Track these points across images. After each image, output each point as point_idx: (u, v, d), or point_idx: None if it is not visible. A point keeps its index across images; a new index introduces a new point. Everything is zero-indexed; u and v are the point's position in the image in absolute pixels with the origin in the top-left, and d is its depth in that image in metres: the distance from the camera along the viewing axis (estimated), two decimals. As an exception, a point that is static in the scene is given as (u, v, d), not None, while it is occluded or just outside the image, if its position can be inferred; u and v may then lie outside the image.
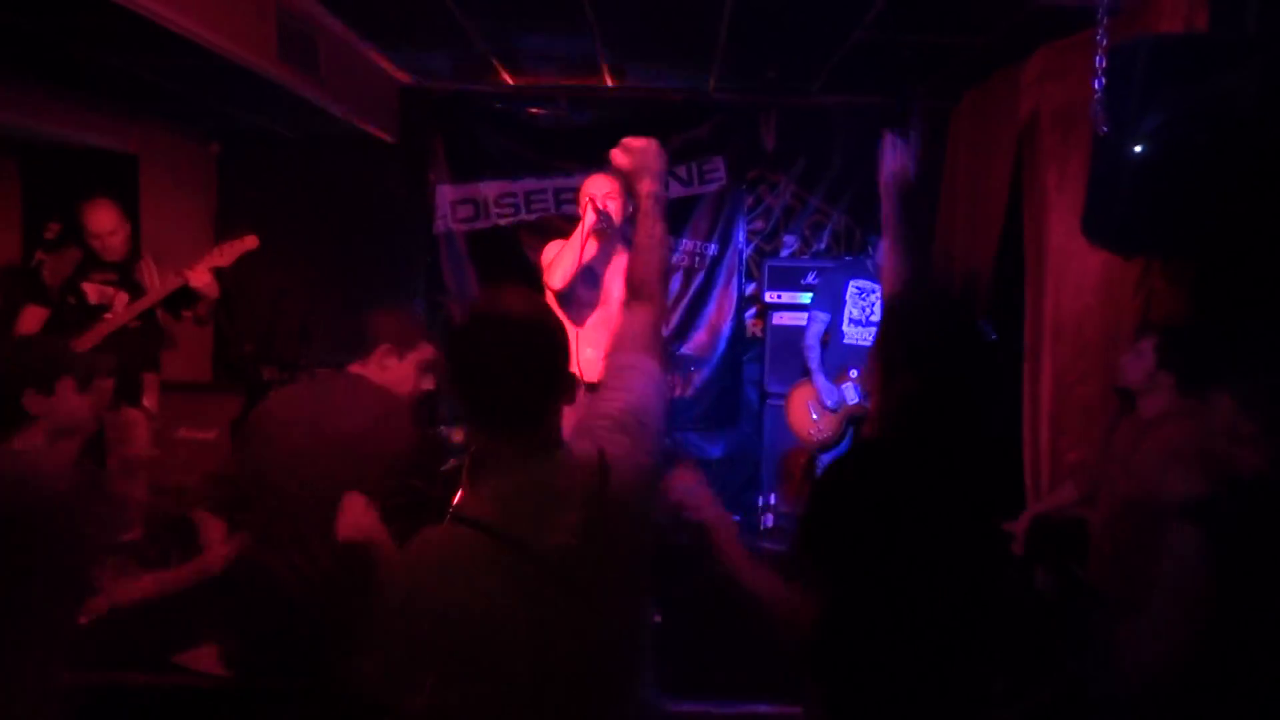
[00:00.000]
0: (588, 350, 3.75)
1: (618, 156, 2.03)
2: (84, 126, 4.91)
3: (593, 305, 3.81)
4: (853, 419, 4.75)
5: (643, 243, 1.94)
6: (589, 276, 3.77)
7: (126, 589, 2.29)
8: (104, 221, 4.09)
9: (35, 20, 3.55)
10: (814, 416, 4.82)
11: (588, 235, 3.66)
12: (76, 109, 4.79)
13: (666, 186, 2.25)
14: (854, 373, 4.66)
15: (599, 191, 3.75)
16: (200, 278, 4.02)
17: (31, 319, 4.05)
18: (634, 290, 1.91)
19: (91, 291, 4.10)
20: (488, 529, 1.41)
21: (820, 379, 4.73)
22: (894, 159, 3.12)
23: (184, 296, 4.13)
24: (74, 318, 4.03)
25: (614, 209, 3.74)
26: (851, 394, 4.65)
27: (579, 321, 3.80)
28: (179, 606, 2.46)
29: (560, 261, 3.68)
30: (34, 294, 4.11)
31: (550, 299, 3.77)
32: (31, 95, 4.48)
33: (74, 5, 3.15)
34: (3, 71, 4.20)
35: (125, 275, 4.14)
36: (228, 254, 4.18)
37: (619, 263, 3.86)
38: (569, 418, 1.56)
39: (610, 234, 3.79)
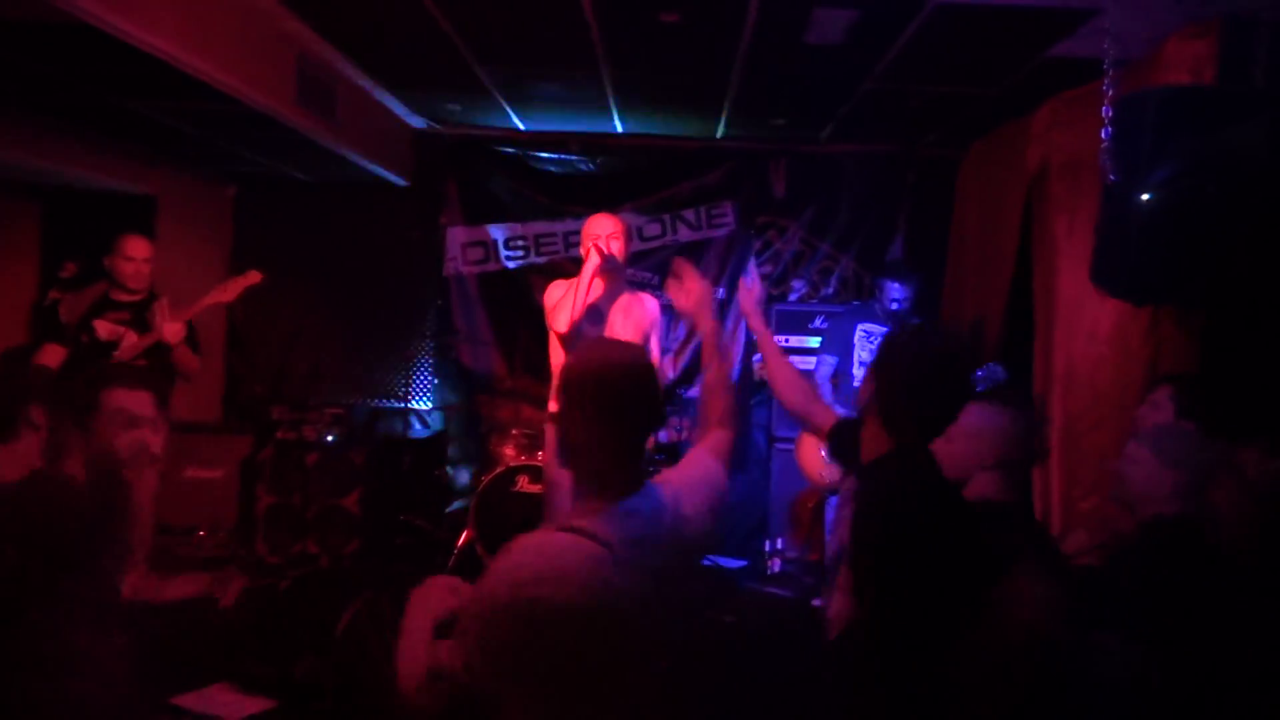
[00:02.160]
0: None
1: (678, 298, 2.15)
2: (104, 169, 4.98)
3: None
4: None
5: (713, 382, 2.05)
6: (594, 315, 3.78)
7: None
8: (141, 248, 4.21)
9: (58, 65, 3.63)
10: (825, 459, 4.80)
11: (592, 278, 3.67)
12: (97, 152, 4.86)
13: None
14: (863, 417, 4.65)
15: (602, 232, 3.75)
16: (171, 332, 4.07)
17: (51, 356, 4.09)
18: (713, 422, 1.98)
19: (103, 329, 4.13)
20: (603, 541, 1.47)
21: None
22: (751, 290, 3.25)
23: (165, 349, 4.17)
24: (86, 355, 4.06)
25: (617, 249, 3.75)
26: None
27: None
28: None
29: (564, 305, 3.69)
30: (52, 333, 4.15)
31: (554, 340, 3.78)
32: (53, 138, 4.56)
33: (97, 51, 3.21)
34: (26, 114, 4.28)
35: (137, 314, 4.17)
36: (231, 290, 4.23)
37: (624, 301, 3.88)
38: None
39: (615, 273, 3.81)
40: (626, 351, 1.66)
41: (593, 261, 3.67)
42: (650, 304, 4.00)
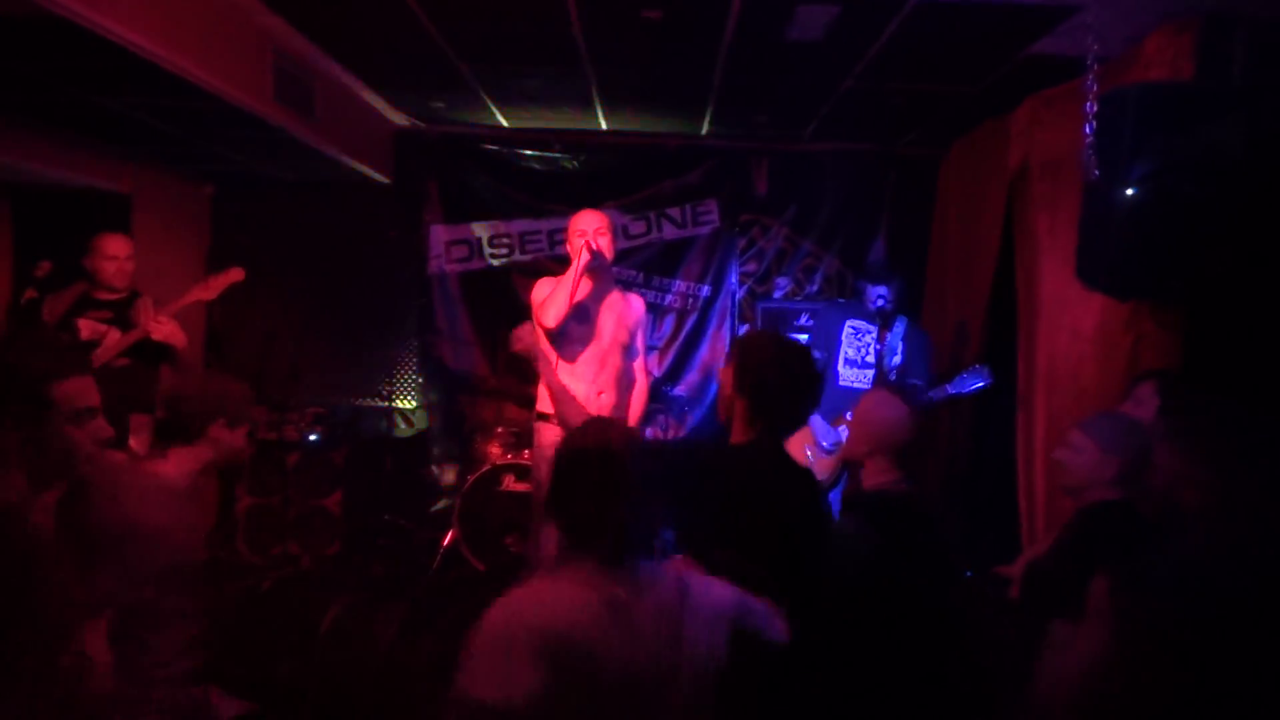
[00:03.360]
0: (579, 386, 3.73)
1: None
2: (77, 167, 4.91)
3: (584, 342, 3.79)
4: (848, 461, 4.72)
5: None
6: (581, 313, 3.76)
7: None
8: (119, 247, 4.16)
9: (29, 60, 3.57)
10: (810, 458, 4.79)
11: (580, 274, 3.65)
12: (70, 149, 4.79)
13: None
14: (850, 415, 4.64)
15: (589, 228, 3.73)
16: (161, 329, 4.01)
17: None
18: None
19: (84, 328, 4.08)
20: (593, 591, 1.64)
21: (817, 420, 4.71)
22: None
23: (157, 348, 4.11)
24: (64, 355, 4.00)
25: (605, 245, 3.73)
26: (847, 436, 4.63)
27: (570, 358, 3.78)
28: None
29: (553, 301, 3.67)
30: None
31: (542, 336, 3.75)
32: (25, 135, 4.49)
33: (69, 45, 3.16)
34: (-4, 112, 4.22)
35: (120, 313, 4.12)
36: (213, 287, 4.18)
37: (611, 299, 3.86)
38: None
39: (602, 271, 3.79)
40: (624, 433, 1.81)
41: (583, 258, 3.65)
42: (636, 303, 4.00)
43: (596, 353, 3.80)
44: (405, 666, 3.46)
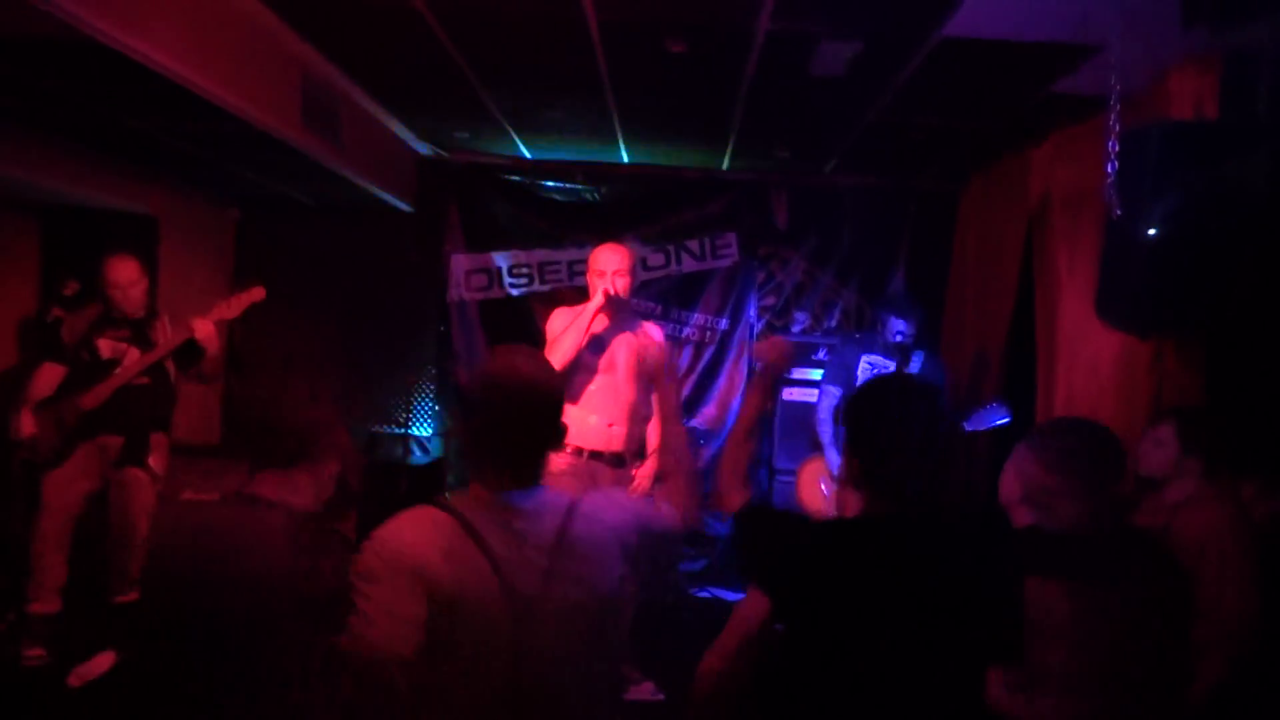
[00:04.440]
0: (591, 418, 3.71)
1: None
2: (105, 188, 4.99)
3: (597, 372, 3.78)
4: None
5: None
6: (595, 344, 3.75)
7: None
8: (126, 273, 4.11)
9: (61, 82, 3.64)
10: (825, 492, 4.76)
11: (594, 316, 3.67)
12: (98, 170, 4.88)
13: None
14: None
15: (609, 268, 3.71)
16: (203, 329, 4.01)
17: (49, 376, 4.06)
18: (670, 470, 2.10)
19: (104, 347, 4.10)
20: (458, 515, 1.61)
21: (833, 453, 4.69)
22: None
23: (190, 353, 4.12)
24: (87, 374, 4.03)
25: (622, 286, 3.72)
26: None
27: (581, 388, 3.74)
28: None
29: (561, 343, 3.65)
30: (52, 351, 4.12)
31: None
32: (56, 155, 4.57)
33: (101, 67, 3.22)
34: (27, 132, 4.29)
35: (139, 332, 4.14)
36: (235, 306, 4.15)
37: (628, 331, 3.86)
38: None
39: (619, 308, 3.79)
40: (531, 363, 1.76)
41: (597, 301, 3.66)
42: (655, 334, 3.99)
43: (609, 384, 3.78)
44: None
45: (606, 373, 3.78)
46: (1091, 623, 2.10)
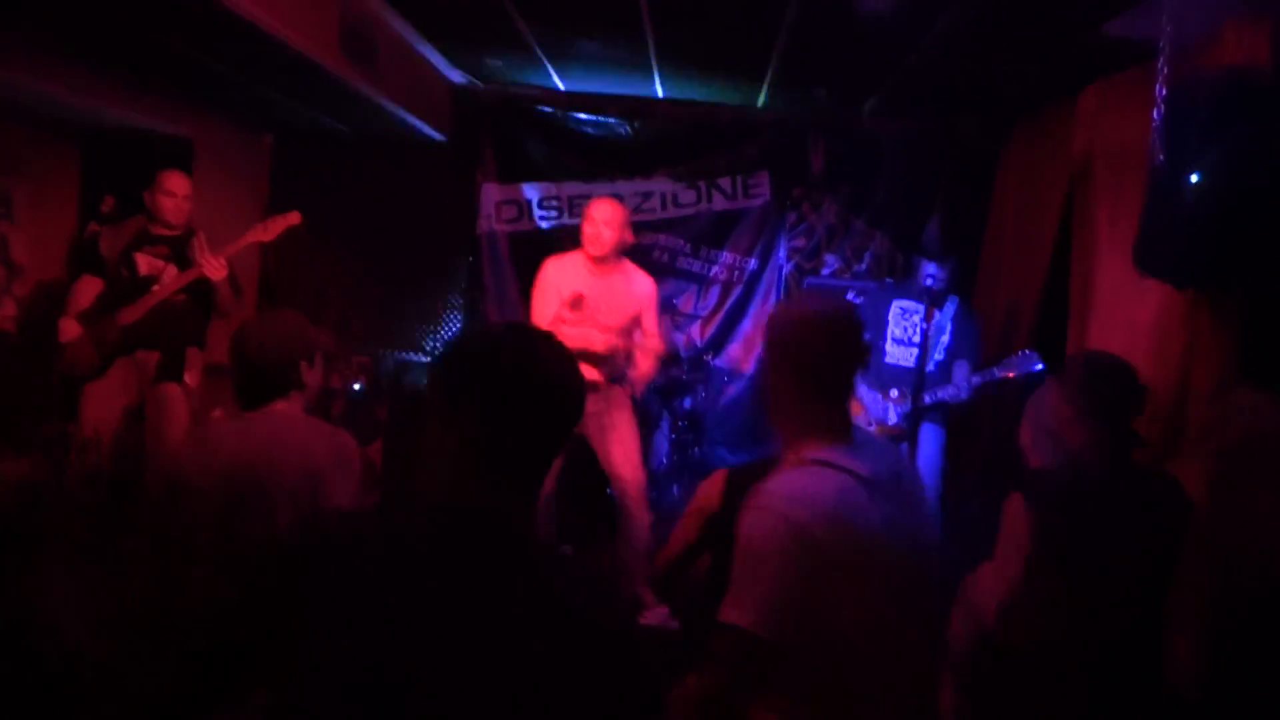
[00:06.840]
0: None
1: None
2: (143, 110, 5.00)
3: (579, 320, 3.91)
4: (890, 439, 4.69)
5: None
6: (575, 301, 3.90)
7: None
8: (179, 184, 4.24)
9: (99, 3, 3.62)
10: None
11: (555, 320, 3.84)
12: (136, 93, 4.88)
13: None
14: (895, 393, 4.62)
15: (598, 216, 3.89)
16: (217, 271, 4.06)
17: (88, 288, 4.13)
18: None
19: (143, 263, 4.16)
20: (849, 470, 1.63)
21: (865, 390, 4.68)
22: None
23: (209, 286, 4.18)
24: (125, 289, 4.09)
25: (610, 237, 3.89)
26: (892, 414, 4.61)
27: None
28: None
29: (538, 312, 3.92)
30: (91, 265, 4.19)
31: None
32: (94, 79, 4.58)
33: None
34: (66, 55, 4.29)
35: (177, 249, 4.19)
36: (271, 229, 4.17)
37: (614, 282, 4.00)
38: None
39: (610, 257, 3.93)
40: (824, 302, 1.81)
41: (561, 311, 3.86)
42: (643, 284, 4.07)
43: (593, 331, 3.94)
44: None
45: (586, 324, 3.92)
46: (1085, 554, 2.14)
